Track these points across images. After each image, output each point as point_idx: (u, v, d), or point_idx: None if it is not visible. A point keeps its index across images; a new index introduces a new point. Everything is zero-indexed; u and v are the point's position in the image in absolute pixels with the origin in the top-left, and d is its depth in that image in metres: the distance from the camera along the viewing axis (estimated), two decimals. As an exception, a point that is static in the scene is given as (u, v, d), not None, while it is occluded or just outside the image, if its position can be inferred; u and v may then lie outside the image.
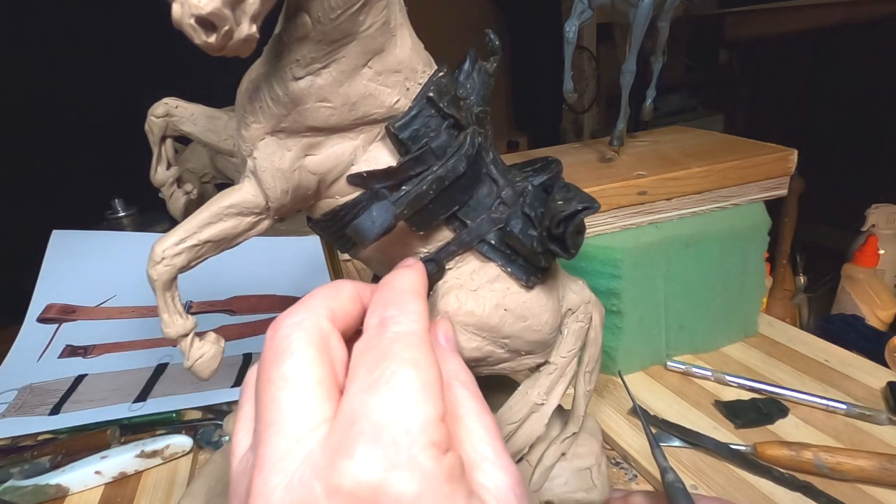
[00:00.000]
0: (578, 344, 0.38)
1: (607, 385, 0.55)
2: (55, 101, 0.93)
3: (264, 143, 0.29)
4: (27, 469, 0.48)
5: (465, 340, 0.33)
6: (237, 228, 0.30)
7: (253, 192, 0.30)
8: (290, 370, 0.18)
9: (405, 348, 0.18)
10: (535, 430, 0.38)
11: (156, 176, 0.38)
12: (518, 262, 0.34)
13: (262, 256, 0.78)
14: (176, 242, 0.29)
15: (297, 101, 0.28)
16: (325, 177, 0.31)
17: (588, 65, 1.45)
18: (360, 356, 0.18)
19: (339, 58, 0.28)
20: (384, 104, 0.30)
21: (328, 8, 0.26)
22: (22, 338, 0.69)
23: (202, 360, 0.32)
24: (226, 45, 0.22)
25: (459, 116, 0.31)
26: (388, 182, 0.31)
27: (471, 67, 0.33)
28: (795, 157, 0.55)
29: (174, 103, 0.36)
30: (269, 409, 0.17)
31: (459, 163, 0.31)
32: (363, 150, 0.31)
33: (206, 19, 0.21)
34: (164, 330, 0.31)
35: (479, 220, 0.33)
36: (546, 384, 0.38)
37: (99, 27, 0.95)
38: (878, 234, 0.87)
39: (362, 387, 0.17)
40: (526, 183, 0.34)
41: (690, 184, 0.53)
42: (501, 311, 0.34)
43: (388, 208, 0.30)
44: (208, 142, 0.37)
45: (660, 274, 0.53)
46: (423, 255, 0.34)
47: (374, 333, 0.19)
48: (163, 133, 0.36)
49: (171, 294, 0.30)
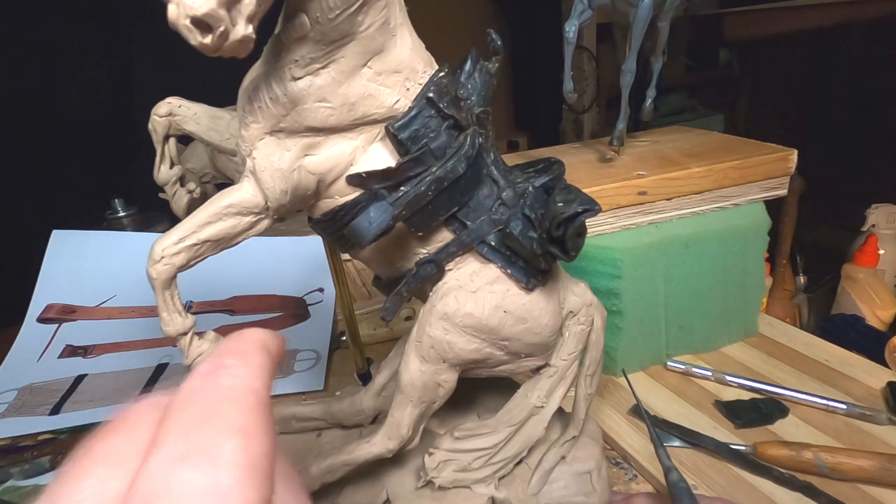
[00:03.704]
0: (580, 347, 0.38)
1: (607, 385, 0.55)
2: (55, 101, 0.93)
3: (263, 143, 0.29)
4: (27, 469, 0.48)
5: (465, 342, 0.33)
6: (236, 228, 0.30)
7: (252, 192, 0.30)
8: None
9: (236, 410, 0.13)
10: (535, 432, 0.38)
11: (159, 175, 0.38)
12: (518, 264, 0.34)
13: (262, 256, 0.78)
14: (175, 241, 0.29)
15: (296, 102, 0.28)
16: (325, 177, 0.31)
17: (588, 65, 1.45)
18: (176, 413, 0.13)
19: (338, 58, 0.28)
20: (384, 104, 0.30)
21: (326, 8, 0.26)
22: (22, 338, 0.69)
23: (201, 359, 0.32)
24: (221, 45, 0.22)
25: (459, 117, 0.31)
26: (387, 183, 0.31)
27: (472, 67, 0.32)
28: (795, 157, 0.55)
29: (177, 102, 0.36)
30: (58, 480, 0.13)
31: (459, 164, 0.30)
32: (363, 150, 0.31)
33: (201, 20, 0.21)
34: (164, 328, 0.31)
35: (480, 222, 0.33)
36: (546, 387, 0.37)
37: (99, 27, 0.95)
38: (878, 234, 0.87)
39: (171, 456, 0.12)
40: (527, 184, 0.34)
41: (690, 184, 0.53)
42: (501, 313, 0.33)
43: (386, 209, 0.30)
44: (211, 141, 0.37)
45: (660, 274, 0.53)
46: (422, 257, 0.34)
47: (199, 384, 0.14)
48: (166, 132, 0.36)
49: (170, 293, 0.30)
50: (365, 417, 0.42)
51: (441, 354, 0.33)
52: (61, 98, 0.94)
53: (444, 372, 0.34)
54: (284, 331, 0.69)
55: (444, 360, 0.33)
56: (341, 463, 0.34)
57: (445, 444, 0.37)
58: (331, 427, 0.42)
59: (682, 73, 1.59)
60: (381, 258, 0.35)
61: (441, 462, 0.36)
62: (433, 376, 0.34)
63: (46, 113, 0.93)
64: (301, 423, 0.42)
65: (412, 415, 0.34)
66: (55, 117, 0.94)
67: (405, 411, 0.34)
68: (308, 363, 0.62)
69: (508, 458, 0.37)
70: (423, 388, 0.33)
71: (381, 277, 0.38)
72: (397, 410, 0.34)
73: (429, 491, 0.37)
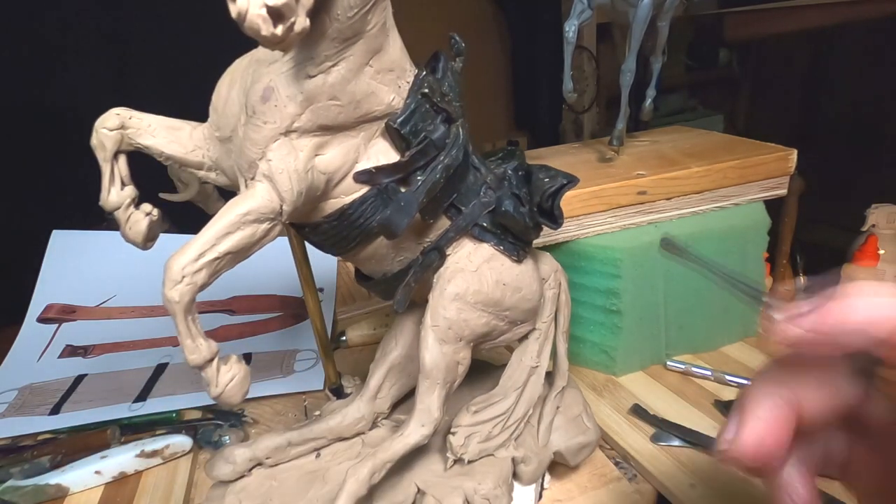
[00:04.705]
0: (553, 308, 0.42)
1: (607, 385, 0.55)
2: (55, 101, 0.93)
3: (278, 145, 0.29)
4: (27, 469, 0.48)
5: (476, 317, 0.36)
6: (254, 237, 0.29)
7: (268, 197, 0.28)
8: None
9: None
10: (536, 390, 0.42)
11: (109, 198, 0.33)
12: (508, 240, 0.37)
13: (262, 256, 0.78)
14: (195, 258, 0.27)
15: (312, 99, 0.28)
16: (333, 176, 0.31)
17: (588, 65, 1.45)
18: None
19: (348, 56, 0.28)
20: (383, 101, 0.31)
21: (347, 6, 0.27)
22: (22, 338, 0.69)
23: (233, 384, 0.30)
24: (287, 36, 0.22)
25: (451, 110, 0.33)
26: (397, 176, 0.32)
27: (445, 66, 0.34)
28: (795, 157, 0.55)
29: (127, 114, 0.32)
30: None
31: (459, 152, 0.33)
32: (364, 147, 0.32)
33: (277, 10, 0.21)
34: (189, 357, 0.28)
35: (472, 206, 0.36)
36: (536, 348, 0.42)
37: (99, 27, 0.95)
38: (878, 234, 0.87)
39: None
40: (502, 169, 0.37)
41: (690, 183, 0.53)
42: (501, 286, 0.37)
43: (412, 198, 0.32)
44: (172, 154, 0.34)
45: (660, 274, 0.53)
46: (426, 244, 0.36)
47: None
48: (117, 147, 0.32)
49: (192, 317, 0.28)
50: (365, 424, 0.42)
51: (458, 333, 0.35)
52: (61, 98, 0.94)
53: (462, 350, 0.36)
54: (284, 331, 0.69)
55: (461, 338, 0.36)
56: (383, 461, 0.35)
57: (465, 420, 0.39)
58: (329, 443, 0.42)
59: (682, 73, 1.59)
60: (388, 252, 0.35)
61: (465, 438, 0.38)
62: (453, 356, 0.35)
63: (46, 113, 0.93)
64: (297, 447, 0.41)
65: (440, 397, 0.35)
66: (55, 117, 0.94)
67: (433, 395, 0.35)
68: (308, 363, 0.63)
69: (520, 419, 0.41)
70: (446, 368, 0.35)
71: (373, 277, 0.38)
72: (426, 396, 0.35)
73: (458, 468, 0.38)
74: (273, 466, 0.40)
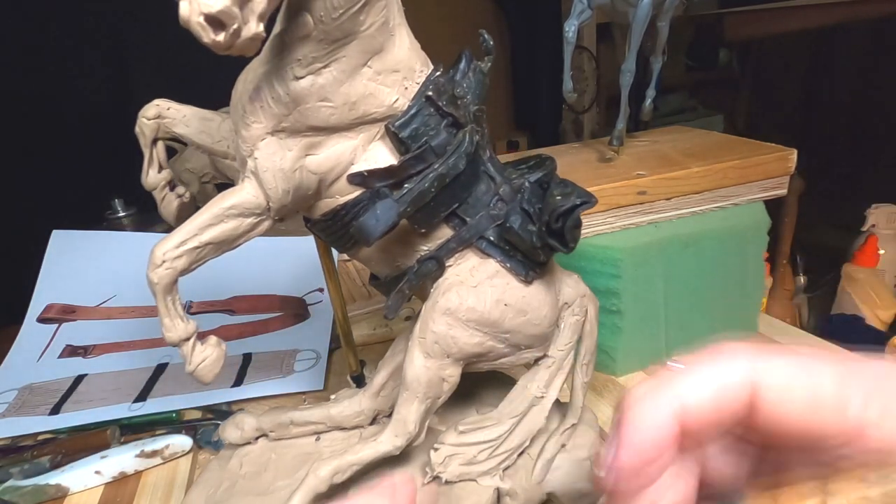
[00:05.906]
0: (575, 337, 0.39)
1: (607, 385, 0.55)
2: (55, 100, 0.93)
3: (265, 143, 0.29)
4: (27, 469, 0.48)
5: (468, 336, 0.34)
6: (238, 230, 0.30)
7: (254, 193, 0.30)
8: None
9: None
10: (536, 422, 0.38)
11: (147, 179, 0.37)
12: (517, 258, 0.34)
13: (262, 256, 0.78)
14: (176, 245, 0.29)
15: (299, 101, 0.28)
16: (326, 176, 0.31)
17: (588, 65, 1.45)
18: None
19: (340, 57, 0.28)
20: (384, 103, 0.30)
21: (330, 7, 0.26)
22: (22, 338, 0.69)
23: (205, 364, 0.32)
24: (233, 43, 0.22)
25: (458, 115, 0.31)
26: (390, 180, 0.31)
27: (467, 67, 0.33)
28: (795, 157, 0.55)
29: (166, 105, 0.35)
30: None
31: (459, 160, 0.31)
32: (362, 149, 0.31)
33: (215, 17, 0.21)
34: (166, 334, 0.31)
35: (479, 217, 0.33)
36: (545, 377, 0.38)
37: (99, 27, 0.95)
38: (878, 234, 0.87)
39: None
40: (522, 180, 0.34)
41: (690, 183, 0.52)
42: (502, 307, 0.34)
43: (392, 206, 0.30)
44: (202, 144, 0.36)
45: (660, 274, 0.53)
46: (423, 253, 0.34)
47: None
48: (154, 135, 0.36)
49: (171, 298, 0.30)
50: (364, 418, 0.42)
51: (445, 349, 0.33)
52: (61, 98, 0.94)
53: (449, 367, 0.34)
54: (284, 331, 0.69)
55: (448, 355, 0.34)
56: (349, 463, 0.34)
57: (450, 439, 0.37)
58: (329, 430, 0.42)
59: (682, 73, 1.59)
60: (383, 256, 0.35)
61: (447, 457, 0.36)
62: (438, 371, 0.34)
63: (46, 113, 0.93)
64: (299, 427, 0.41)
65: (418, 411, 0.34)
66: (55, 117, 0.94)
67: (411, 408, 0.34)
68: (308, 363, 0.62)
69: (512, 449, 0.37)
70: (428, 383, 0.34)
71: (379, 277, 0.38)
72: (403, 407, 0.34)
73: (435, 486, 0.37)
74: (276, 441, 0.42)
